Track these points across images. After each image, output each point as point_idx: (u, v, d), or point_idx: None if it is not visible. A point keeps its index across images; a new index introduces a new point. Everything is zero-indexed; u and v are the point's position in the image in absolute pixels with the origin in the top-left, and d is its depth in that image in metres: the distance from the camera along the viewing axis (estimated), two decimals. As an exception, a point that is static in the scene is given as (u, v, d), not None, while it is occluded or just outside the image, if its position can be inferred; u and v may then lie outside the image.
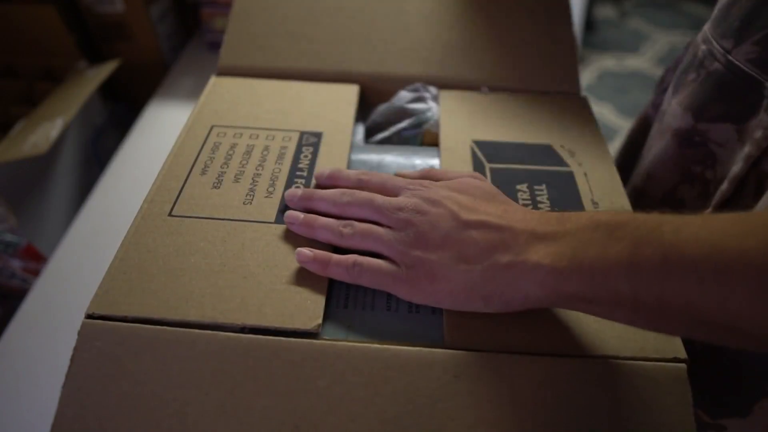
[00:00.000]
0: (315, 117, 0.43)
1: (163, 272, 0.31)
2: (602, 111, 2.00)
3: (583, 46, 2.29)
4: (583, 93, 0.47)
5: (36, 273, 0.67)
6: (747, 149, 0.33)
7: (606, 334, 0.29)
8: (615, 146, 1.81)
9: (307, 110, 0.44)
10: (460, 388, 0.27)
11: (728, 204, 0.35)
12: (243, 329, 0.29)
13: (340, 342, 0.28)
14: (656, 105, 0.50)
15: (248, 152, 0.39)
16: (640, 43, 2.36)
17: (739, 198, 0.34)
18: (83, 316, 0.29)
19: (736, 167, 0.34)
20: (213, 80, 0.46)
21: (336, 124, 0.42)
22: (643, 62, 2.26)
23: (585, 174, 0.38)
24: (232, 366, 0.28)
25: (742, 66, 0.33)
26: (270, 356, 0.28)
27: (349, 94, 0.45)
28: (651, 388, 0.29)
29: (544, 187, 0.37)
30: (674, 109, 0.39)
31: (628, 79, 2.18)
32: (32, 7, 0.78)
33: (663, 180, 0.40)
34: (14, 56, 0.82)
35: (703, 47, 0.37)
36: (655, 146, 0.41)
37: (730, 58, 0.34)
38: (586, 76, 2.20)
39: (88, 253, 0.60)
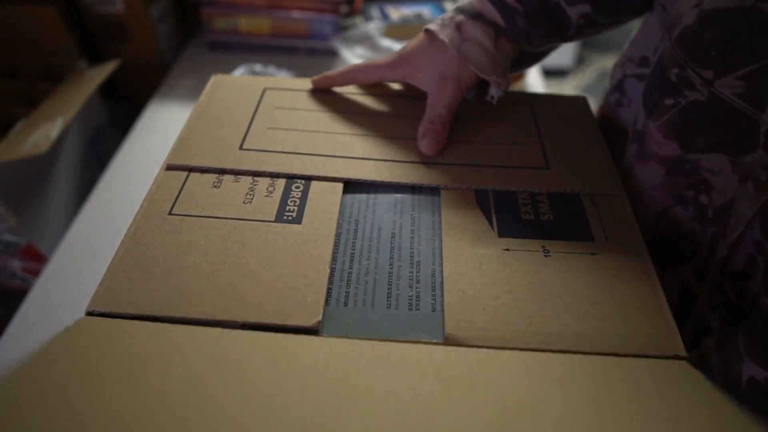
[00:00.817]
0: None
1: (164, 270, 0.31)
2: (602, 111, 2.00)
3: (582, 46, 2.29)
4: (583, 93, 0.47)
5: (36, 273, 0.67)
6: (752, 191, 0.31)
7: (606, 331, 0.29)
8: (615, 146, 1.81)
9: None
10: (461, 385, 0.27)
11: (739, 241, 0.33)
12: (243, 326, 0.29)
13: (341, 339, 0.28)
14: (614, 104, 0.48)
15: (248, 151, 0.39)
16: (639, 43, 2.36)
17: (748, 230, 0.33)
18: (83, 315, 0.29)
19: (743, 207, 0.32)
20: (213, 80, 0.46)
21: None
22: (643, 62, 2.26)
23: None
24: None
25: (728, 101, 0.32)
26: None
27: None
28: (651, 385, 0.29)
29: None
30: (655, 135, 0.37)
31: (627, 79, 2.18)
32: (32, 7, 0.79)
33: (653, 203, 0.39)
34: (14, 56, 0.82)
35: (676, 71, 0.35)
36: (638, 169, 0.39)
37: (713, 90, 0.32)
38: (586, 76, 2.20)
39: (88, 253, 0.60)
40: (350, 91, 0.46)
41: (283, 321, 0.29)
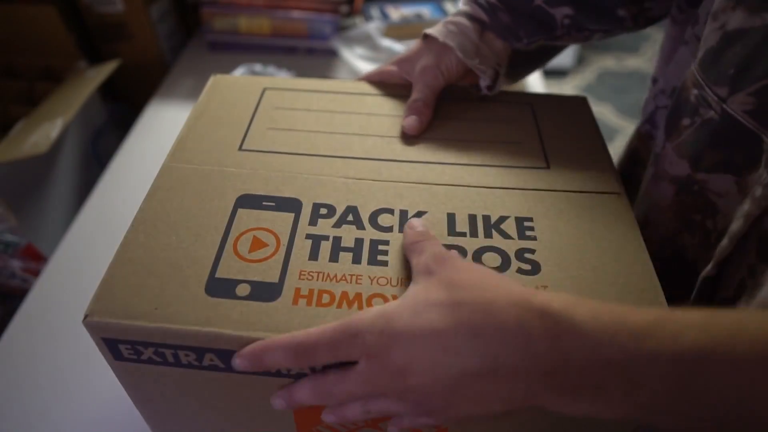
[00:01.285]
0: None
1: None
2: (602, 111, 2.00)
3: (582, 45, 2.29)
4: (583, 93, 0.47)
5: (36, 273, 0.67)
6: (747, 207, 0.31)
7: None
8: (615, 146, 1.81)
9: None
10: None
11: (730, 261, 0.33)
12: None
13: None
14: (644, 136, 0.48)
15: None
16: (640, 43, 2.37)
17: (742, 255, 0.32)
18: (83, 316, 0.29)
19: (736, 224, 0.32)
20: (212, 80, 0.46)
21: None
22: (643, 62, 2.26)
23: None
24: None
25: (738, 117, 0.32)
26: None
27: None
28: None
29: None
30: (670, 155, 0.37)
31: (628, 78, 2.18)
32: (32, 7, 0.79)
33: (662, 226, 0.39)
34: (14, 56, 0.82)
35: (695, 91, 0.35)
36: (651, 191, 0.40)
37: (725, 107, 0.32)
38: (586, 76, 2.20)
39: (88, 253, 0.60)
40: (350, 92, 0.46)
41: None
